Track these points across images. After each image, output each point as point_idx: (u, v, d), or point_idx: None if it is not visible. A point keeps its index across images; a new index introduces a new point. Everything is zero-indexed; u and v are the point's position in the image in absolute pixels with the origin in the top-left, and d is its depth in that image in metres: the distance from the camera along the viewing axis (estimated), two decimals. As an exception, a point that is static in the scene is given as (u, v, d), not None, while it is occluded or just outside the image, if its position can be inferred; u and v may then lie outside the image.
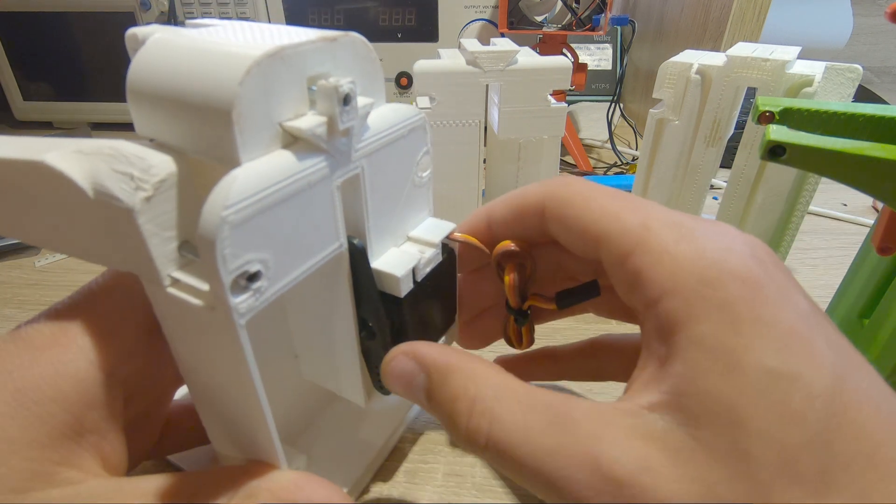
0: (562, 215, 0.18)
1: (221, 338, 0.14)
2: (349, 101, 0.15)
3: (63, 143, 0.15)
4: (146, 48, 0.15)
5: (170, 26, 0.16)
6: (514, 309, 0.22)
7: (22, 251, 0.44)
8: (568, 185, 0.18)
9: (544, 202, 0.19)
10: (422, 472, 0.26)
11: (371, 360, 0.20)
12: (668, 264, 0.15)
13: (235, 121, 0.13)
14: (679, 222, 0.16)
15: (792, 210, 0.35)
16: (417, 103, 0.37)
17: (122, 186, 0.13)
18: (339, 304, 0.19)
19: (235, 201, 0.13)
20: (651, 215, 0.16)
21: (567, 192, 0.18)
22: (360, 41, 0.17)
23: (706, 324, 0.14)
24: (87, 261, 0.16)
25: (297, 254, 0.16)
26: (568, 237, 0.18)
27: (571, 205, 0.18)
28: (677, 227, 0.15)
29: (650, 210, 0.16)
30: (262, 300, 0.14)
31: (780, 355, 0.13)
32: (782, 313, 0.13)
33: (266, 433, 0.16)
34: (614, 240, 0.16)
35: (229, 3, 0.63)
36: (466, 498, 0.24)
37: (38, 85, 0.68)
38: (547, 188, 0.19)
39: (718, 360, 0.13)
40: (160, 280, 0.14)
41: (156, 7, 0.62)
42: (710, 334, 0.13)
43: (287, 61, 0.14)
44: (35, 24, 0.64)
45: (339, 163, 0.16)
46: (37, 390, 0.15)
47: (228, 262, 0.13)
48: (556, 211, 0.18)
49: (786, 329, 0.13)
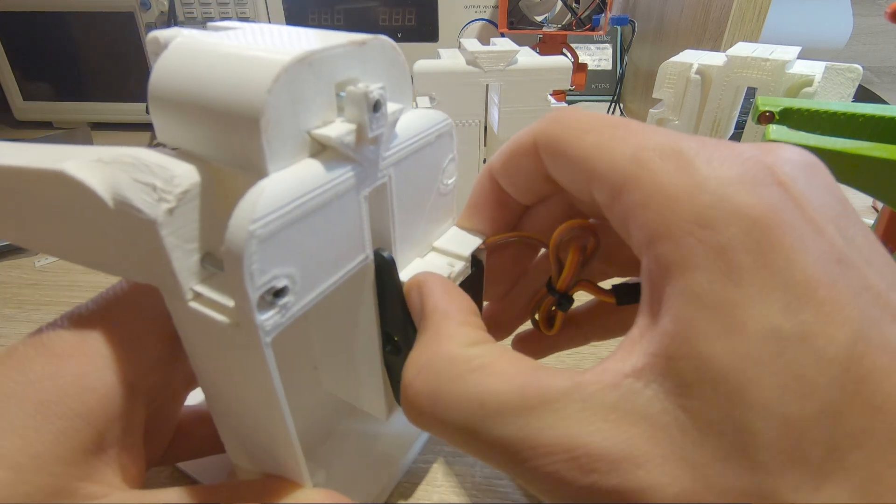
0: (554, 153, 0.16)
1: (245, 355, 0.14)
2: (379, 108, 0.15)
3: (81, 152, 0.14)
4: (168, 52, 0.14)
5: (192, 30, 0.16)
6: (559, 292, 0.19)
7: (22, 251, 0.44)
8: (558, 119, 0.16)
9: (536, 141, 0.16)
10: (422, 472, 0.26)
11: (395, 375, 0.19)
12: (658, 202, 0.12)
13: (263, 129, 0.13)
14: (678, 149, 0.13)
15: (792, 210, 0.35)
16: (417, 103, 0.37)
17: (144, 197, 0.13)
18: (362, 316, 0.19)
19: (263, 214, 0.12)
20: (644, 143, 0.13)
21: (556, 127, 0.16)
22: (390, 45, 0.16)
23: (700, 273, 0.11)
24: (105, 272, 0.16)
25: (324, 267, 0.15)
26: (565, 179, 0.16)
27: (561, 140, 0.15)
28: (675, 157, 0.13)
29: (645, 136, 0.14)
30: (288, 316, 0.14)
31: (789, 311, 0.11)
32: (800, 257, 0.11)
33: (290, 450, 0.16)
34: (603, 177, 0.14)
35: (229, 3, 0.63)
36: (466, 498, 0.24)
37: (38, 85, 0.68)
38: (538, 125, 0.16)
39: (714, 317, 0.11)
40: (182, 294, 0.14)
41: (156, 7, 0.62)
42: (705, 286, 0.11)
43: (315, 67, 0.14)
44: (35, 24, 0.64)
45: (367, 172, 0.15)
46: (61, 404, 0.14)
47: (256, 279, 0.12)
48: (548, 150, 0.16)
49: (801, 278, 0.11)
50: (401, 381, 0.17)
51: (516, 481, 0.15)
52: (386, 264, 0.17)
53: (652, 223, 0.12)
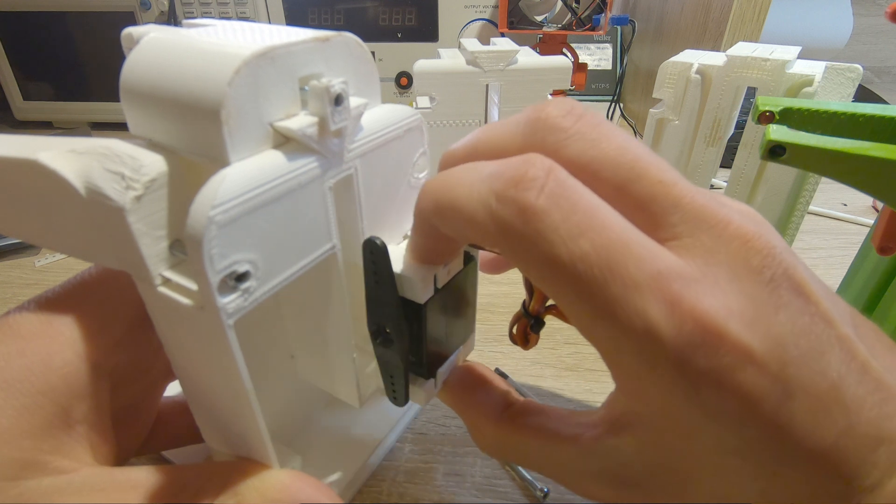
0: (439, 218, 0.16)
1: (210, 337, 0.14)
2: (341, 102, 0.15)
3: (58, 142, 0.15)
4: (139, 47, 0.15)
5: (165, 26, 0.16)
6: (532, 314, 0.21)
7: (22, 251, 0.44)
8: (425, 191, 0.16)
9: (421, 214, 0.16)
10: (422, 472, 0.26)
11: (388, 368, 0.20)
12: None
13: (224, 121, 0.13)
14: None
15: (792, 210, 0.35)
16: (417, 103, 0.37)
17: (114, 186, 0.14)
18: (333, 305, 0.19)
19: (223, 201, 0.13)
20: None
21: (426, 199, 0.16)
22: (354, 41, 0.17)
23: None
24: (81, 259, 0.16)
25: (288, 254, 0.16)
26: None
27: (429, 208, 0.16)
28: None
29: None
30: (250, 300, 0.14)
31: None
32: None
33: (257, 432, 0.16)
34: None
35: (229, 3, 0.63)
36: (466, 498, 0.24)
37: (38, 85, 0.68)
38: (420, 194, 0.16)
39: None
40: (151, 279, 0.14)
41: (156, 7, 0.62)
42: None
43: (277, 61, 0.14)
44: (35, 24, 0.64)
45: (331, 163, 0.16)
46: (25, 382, 0.15)
47: (216, 262, 0.13)
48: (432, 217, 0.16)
49: None
50: (394, 376, 0.17)
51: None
52: (378, 251, 0.17)
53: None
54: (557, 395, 0.29)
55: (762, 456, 0.13)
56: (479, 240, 0.15)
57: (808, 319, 0.13)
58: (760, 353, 0.13)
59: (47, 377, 0.15)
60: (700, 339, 0.12)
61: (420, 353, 0.19)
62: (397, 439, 0.27)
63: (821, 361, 0.13)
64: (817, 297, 0.13)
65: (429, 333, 0.19)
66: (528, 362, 0.32)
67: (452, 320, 0.21)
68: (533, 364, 0.32)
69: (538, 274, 0.14)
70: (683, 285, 0.13)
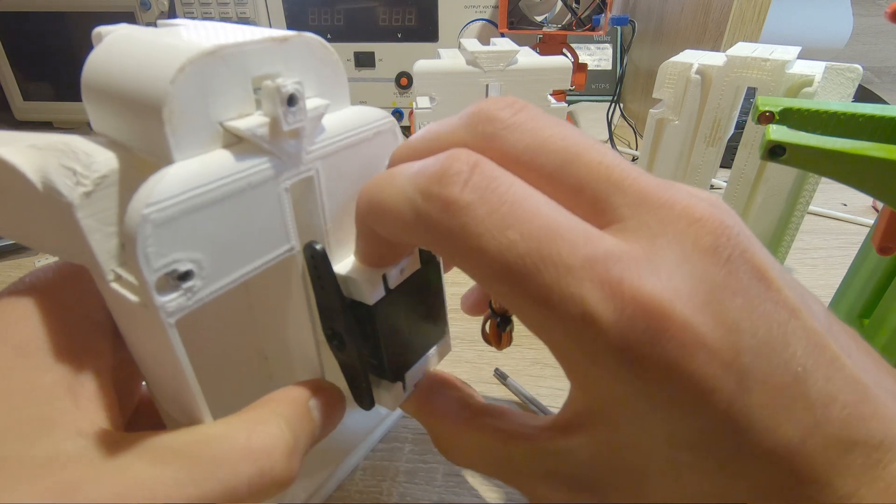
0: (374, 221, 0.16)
1: (154, 334, 0.14)
2: (295, 102, 0.15)
3: (22, 137, 0.15)
4: (101, 45, 0.15)
5: (134, 25, 0.16)
6: (498, 312, 0.21)
7: (22, 251, 0.44)
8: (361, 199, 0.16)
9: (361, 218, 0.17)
10: (422, 472, 0.26)
11: (346, 371, 0.19)
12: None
13: (166, 119, 0.13)
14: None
15: (792, 210, 0.35)
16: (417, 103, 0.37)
17: (66, 181, 0.14)
18: (294, 309, 0.19)
19: (159, 199, 0.13)
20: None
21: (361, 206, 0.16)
22: (317, 42, 0.16)
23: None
24: (49, 254, 0.17)
25: (238, 255, 0.15)
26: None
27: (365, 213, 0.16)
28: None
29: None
30: (194, 300, 0.14)
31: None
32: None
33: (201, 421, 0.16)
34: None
35: (229, 4, 0.63)
36: (466, 498, 0.24)
37: (38, 85, 0.68)
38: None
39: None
40: (103, 275, 0.14)
41: (156, 7, 0.62)
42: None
43: (227, 60, 0.14)
44: (35, 24, 0.64)
45: (287, 164, 0.16)
46: (33, 342, 0.15)
47: (152, 261, 0.13)
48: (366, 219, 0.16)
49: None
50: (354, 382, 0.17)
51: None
52: (317, 255, 0.17)
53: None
54: (557, 395, 0.29)
55: (718, 453, 0.12)
56: (409, 238, 0.15)
57: (770, 307, 0.12)
58: (712, 338, 0.12)
59: (56, 340, 0.15)
60: (643, 323, 0.12)
61: (380, 356, 0.19)
62: (380, 439, 0.27)
63: (783, 353, 0.12)
64: (780, 283, 0.13)
65: (386, 335, 0.18)
66: (528, 362, 0.32)
67: (416, 321, 0.20)
68: (533, 364, 0.32)
69: (472, 269, 0.13)
70: (624, 268, 0.12)
